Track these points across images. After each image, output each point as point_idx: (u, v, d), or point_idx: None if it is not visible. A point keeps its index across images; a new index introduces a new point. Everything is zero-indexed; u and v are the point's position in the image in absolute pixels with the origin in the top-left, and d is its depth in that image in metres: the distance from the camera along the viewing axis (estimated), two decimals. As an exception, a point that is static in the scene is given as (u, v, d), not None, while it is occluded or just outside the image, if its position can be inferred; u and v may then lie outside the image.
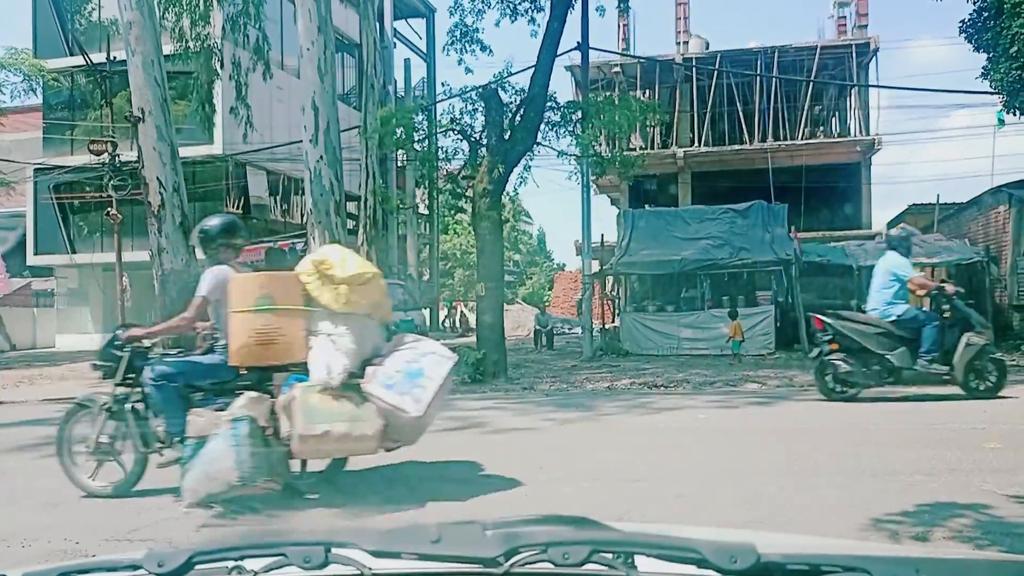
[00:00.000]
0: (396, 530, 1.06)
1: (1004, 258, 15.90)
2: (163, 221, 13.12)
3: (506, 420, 7.55)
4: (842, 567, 0.96)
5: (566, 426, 7.12)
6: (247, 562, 1.06)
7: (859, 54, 25.90)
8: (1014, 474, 4.42)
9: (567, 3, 12.77)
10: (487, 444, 6.29)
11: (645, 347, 16.79)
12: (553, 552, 0.97)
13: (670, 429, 6.81)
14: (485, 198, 11.98)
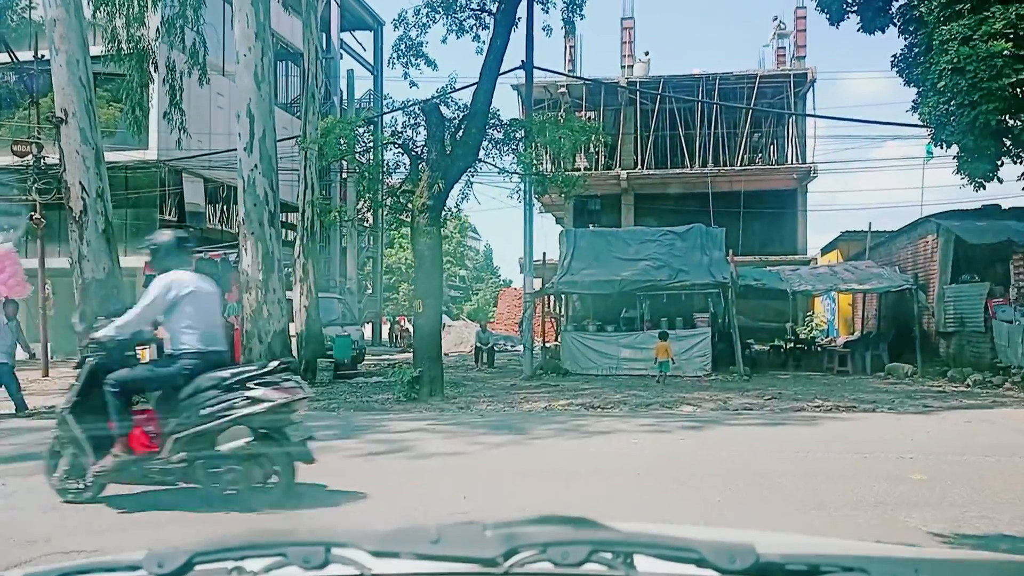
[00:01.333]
0: (396, 530, 1.05)
1: (932, 286, 16.39)
2: (85, 228, 12.49)
3: (435, 444, 7.31)
4: (841, 567, 0.96)
5: (496, 451, 6.92)
6: (247, 562, 1.06)
7: (796, 84, 26.65)
8: (939, 508, 4.41)
9: (511, 21, 12.72)
10: (409, 471, 6.04)
11: (585, 366, 16.73)
12: (552, 552, 0.97)
13: (601, 455, 6.68)
14: (424, 213, 11.76)
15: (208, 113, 25.83)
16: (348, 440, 7.72)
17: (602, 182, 29.04)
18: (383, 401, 11.84)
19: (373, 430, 8.58)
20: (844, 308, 23.61)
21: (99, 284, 12.53)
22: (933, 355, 15.81)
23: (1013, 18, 11.44)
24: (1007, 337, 13.40)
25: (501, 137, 14.67)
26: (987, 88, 11.25)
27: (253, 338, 13.21)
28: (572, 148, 15.06)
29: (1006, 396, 11.24)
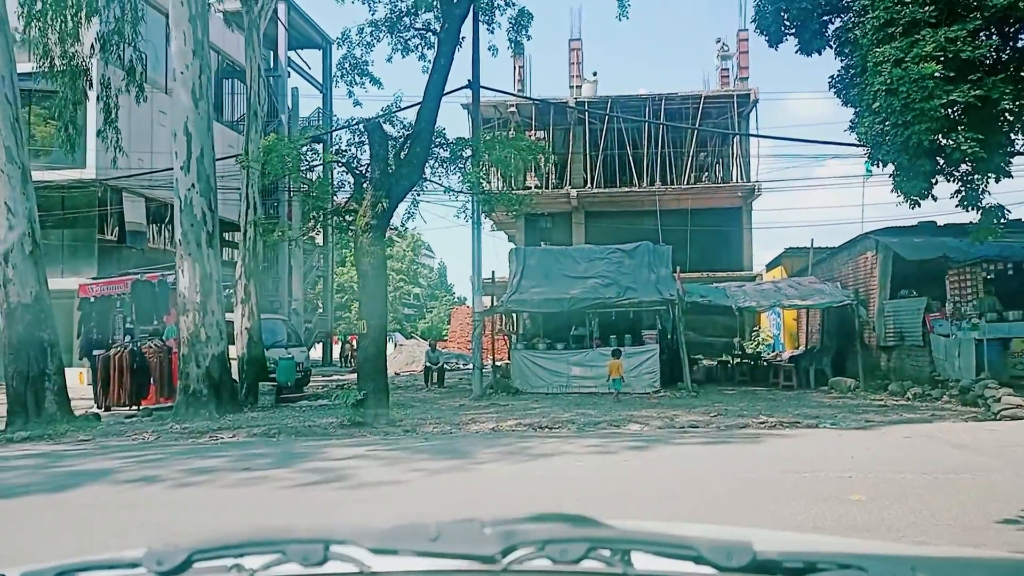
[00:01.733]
0: (395, 527, 1.04)
1: (872, 301, 16.74)
2: (11, 250, 11.96)
3: (373, 472, 7.08)
4: (838, 565, 0.96)
5: (436, 478, 6.73)
6: (246, 560, 1.06)
7: (740, 104, 27.22)
8: (876, 531, 4.38)
9: (455, 41, 12.66)
10: (342, 503, 5.81)
11: (535, 385, 16.63)
12: (551, 549, 0.97)
13: (544, 479, 6.55)
14: (368, 233, 11.56)
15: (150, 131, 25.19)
16: (282, 469, 7.44)
17: (553, 200, 29.17)
18: (326, 426, 11.53)
19: (311, 457, 8.30)
20: (789, 323, 24.01)
21: (25, 308, 12.00)
22: (875, 369, 16.12)
23: (942, 41, 11.80)
24: (944, 351, 13.73)
25: (448, 156, 14.57)
26: (919, 109, 11.55)
27: (190, 362, 12.78)
28: (519, 167, 15.04)
29: (944, 409, 11.47)
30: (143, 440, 10.87)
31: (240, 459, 8.34)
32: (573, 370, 16.76)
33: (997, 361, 13.09)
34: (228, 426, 11.81)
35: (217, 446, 10.04)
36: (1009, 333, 13.46)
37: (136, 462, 8.67)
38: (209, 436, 10.92)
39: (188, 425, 11.95)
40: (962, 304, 13.99)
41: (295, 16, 32.62)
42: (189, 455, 9.03)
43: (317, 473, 7.20)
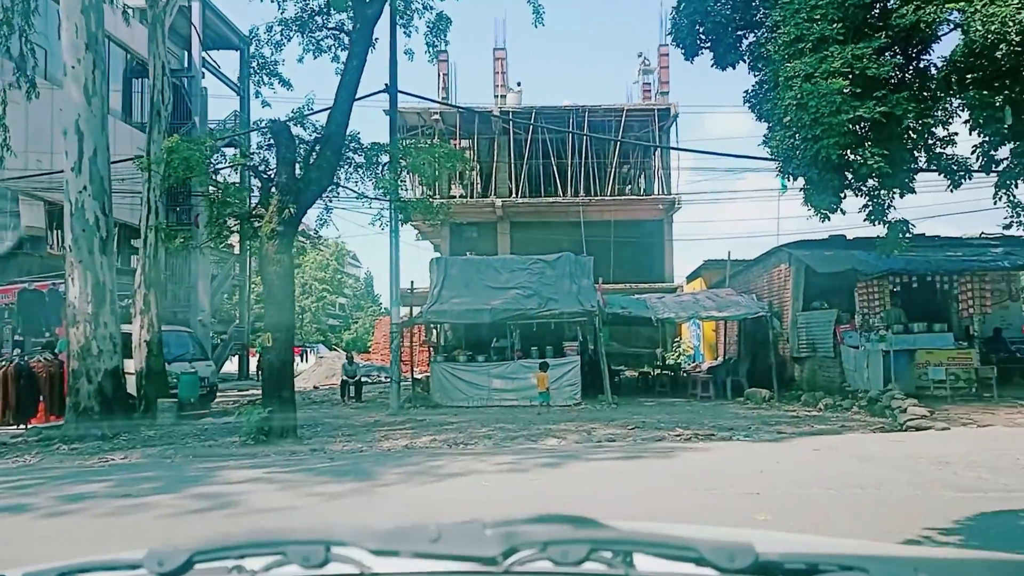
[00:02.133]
0: (396, 529, 1.04)
1: (786, 313, 17.06)
2: None
3: (266, 497, 6.59)
4: (840, 566, 0.97)
5: (333, 503, 6.29)
6: (247, 561, 1.06)
7: (661, 118, 27.60)
8: (778, 553, 4.20)
9: (367, 42, 12.25)
10: (223, 533, 5.32)
11: (456, 398, 16.26)
12: (552, 551, 0.97)
13: (447, 503, 6.20)
14: (274, 240, 10.98)
15: (49, 130, 23.73)
16: (167, 495, 6.86)
17: (478, 210, 28.95)
18: (229, 445, 10.89)
19: (202, 481, 7.72)
20: (708, 334, 24.36)
21: None
22: (789, 379, 16.41)
23: (850, 57, 12.09)
24: (854, 362, 14.05)
25: (363, 161, 14.10)
26: (828, 123, 11.78)
27: (81, 378, 11.90)
28: (436, 174, 14.70)
29: (853, 420, 11.67)
30: (24, 463, 10.02)
31: (124, 484, 7.69)
32: (494, 383, 16.47)
33: (904, 372, 13.45)
34: (121, 447, 11.04)
35: (105, 469, 9.31)
36: (915, 344, 13.86)
37: (8, 488, 7.92)
38: (99, 458, 10.16)
39: (77, 446, 11.12)
40: (870, 316, 14.36)
41: (210, 15, 31.41)
42: (70, 480, 8.30)
43: (204, 499, 6.66)
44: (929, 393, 13.06)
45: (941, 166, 14.59)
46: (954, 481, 6.20)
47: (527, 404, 15.76)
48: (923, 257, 14.56)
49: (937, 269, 14.55)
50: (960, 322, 14.94)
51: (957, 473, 6.56)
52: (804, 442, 9.04)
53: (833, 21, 12.43)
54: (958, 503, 5.23)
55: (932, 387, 13.22)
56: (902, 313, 14.59)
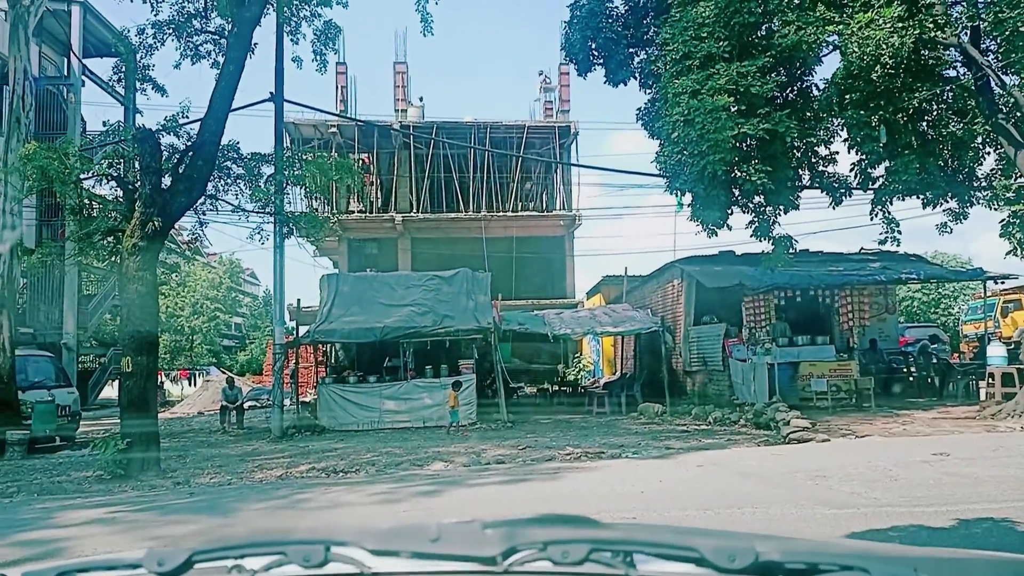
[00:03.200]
0: (395, 529, 1.06)
1: (678, 328, 17.23)
2: None
3: (97, 542, 5.84)
4: (840, 566, 0.96)
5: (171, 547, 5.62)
6: (247, 561, 1.05)
7: (562, 135, 27.78)
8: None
9: (246, 47, 11.55)
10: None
11: (344, 422, 15.53)
12: (552, 551, 0.97)
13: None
14: (136, 256, 10.10)
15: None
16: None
17: (378, 225, 28.28)
18: (82, 480, 9.90)
19: (36, 525, 6.86)
20: (608, 350, 24.50)
21: None
22: (682, 393, 16.54)
23: (735, 75, 12.30)
24: (741, 375, 14.24)
25: (242, 172, 13.33)
26: (713, 139, 11.91)
27: (-90, 410, 10.61)
28: (323, 186, 14.07)
29: (740, 433, 11.74)
30: None
31: (-63, 531, 6.74)
32: (386, 404, 15.83)
33: (788, 384, 13.73)
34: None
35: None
36: (799, 357, 14.19)
37: None
38: (-75, 500, 8.99)
39: (-97, 486, 9.85)
40: (756, 330, 14.62)
41: (92, 21, 29.64)
42: None
43: (25, 547, 5.86)
44: (812, 404, 13.36)
45: (823, 183, 15.11)
46: (829, 497, 6.12)
47: (420, 426, 15.24)
48: (806, 272, 14.97)
49: (819, 283, 15.00)
50: (841, 335, 15.44)
51: (832, 488, 6.51)
52: (690, 458, 8.93)
53: (720, 39, 12.65)
54: (830, 520, 5.11)
55: (815, 398, 13.53)
56: (787, 327, 14.94)
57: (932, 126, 13.97)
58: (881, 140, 12.66)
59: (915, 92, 12.53)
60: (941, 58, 12.94)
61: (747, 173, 12.67)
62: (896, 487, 6.41)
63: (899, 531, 4.74)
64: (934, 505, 5.53)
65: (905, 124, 12.96)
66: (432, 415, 15.60)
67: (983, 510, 5.31)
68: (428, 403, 15.81)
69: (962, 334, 25.86)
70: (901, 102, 12.57)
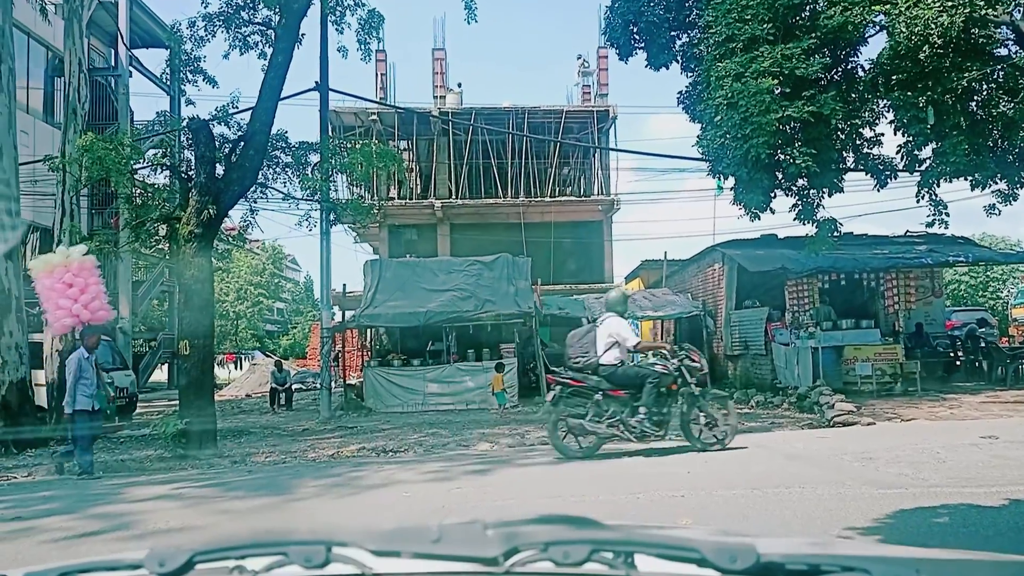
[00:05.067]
0: (397, 529, 1.06)
1: (719, 312, 17.20)
2: None
3: (168, 516, 6.17)
4: (841, 567, 0.96)
5: (238, 520, 5.92)
6: (248, 561, 1.06)
7: (600, 120, 27.65)
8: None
9: (294, 37, 11.82)
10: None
11: (390, 404, 15.90)
12: (553, 551, 0.97)
13: (362, 516, 5.91)
14: (192, 243, 10.48)
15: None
16: (62, 516, 6.38)
17: (418, 212, 28.53)
18: (143, 459, 10.34)
19: (106, 500, 7.23)
20: (646, 334, 24.48)
21: None
22: (723, 377, 16.54)
23: (779, 57, 12.21)
24: (784, 359, 14.19)
25: (290, 161, 13.66)
26: (757, 123, 11.86)
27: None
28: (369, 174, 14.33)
29: (783, 416, 11.76)
30: (-84, 483, 9.31)
31: (18, 504, 7.16)
32: (430, 387, 16.17)
33: (832, 368, 13.66)
34: (26, 464, 10.39)
35: (3, 488, 8.70)
36: (843, 341, 14.09)
37: None
38: (0, 476, 9.51)
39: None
40: (800, 314, 14.55)
41: (138, 12, 30.32)
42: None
43: (102, 519, 6.21)
44: (856, 388, 13.28)
45: (868, 166, 14.91)
46: (876, 478, 6.18)
47: (463, 408, 15.53)
48: (850, 255, 14.82)
49: (863, 267, 14.84)
50: (886, 318, 15.27)
51: (879, 469, 6.56)
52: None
53: (763, 21, 12.54)
54: (879, 500, 5.19)
55: (859, 382, 13.44)
56: (831, 310, 14.83)
57: (981, 106, 13.67)
58: (928, 122, 12.46)
59: (964, 72, 12.27)
60: (992, 36, 12.65)
61: (791, 156, 12.57)
62: (944, 468, 6.44)
63: (948, 509, 4.81)
64: (983, 486, 5.56)
65: (953, 105, 12.72)
66: (474, 397, 15.88)
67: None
68: (470, 386, 16.09)
69: (1011, 318, 25.35)
70: (949, 82, 12.33)
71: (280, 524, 5.71)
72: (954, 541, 4.09)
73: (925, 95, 12.48)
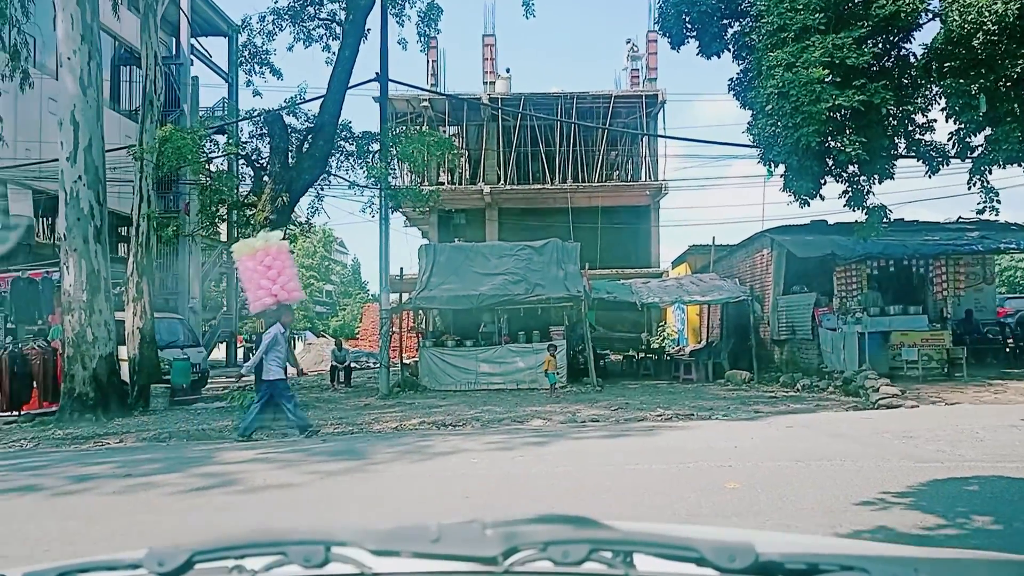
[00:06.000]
0: (396, 529, 1.04)
1: (767, 297, 17.45)
2: None
3: (266, 475, 6.89)
4: (840, 566, 0.96)
5: (331, 480, 6.60)
6: (247, 561, 1.06)
7: (648, 104, 27.82)
8: (744, 517, 4.56)
9: (360, 32, 12.45)
10: (230, 507, 5.64)
11: (444, 382, 16.57)
12: (552, 551, 0.97)
13: (437, 478, 6.53)
14: (267, 228, 11.24)
15: (39, 119, 23.73)
16: (170, 475, 7.16)
17: (466, 196, 29.10)
18: (222, 429, 11.15)
19: (202, 462, 8.01)
20: (693, 318, 24.77)
21: None
22: (768, 362, 16.81)
23: (830, 47, 12.39)
24: (831, 344, 14.44)
25: (354, 149, 14.35)
26: (808, 112, 12.09)
27: (76, 364, 12.15)
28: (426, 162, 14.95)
29: (828, 399, 12.08)
30: (21, 447, 10.25)
31: (124, 465, 7.97)
32: (482, 367, 16.79)
33: (878, 353, 13.86)
34: (116, 431, 11.28)
35: (102, 452, 9.57)
36: (889, 327, 14.27)
37: (13, 470, 8.19)
38: (94, 442, 10.40)
39: (72, 431, 11.34)
40: (847, 299, 14.75)
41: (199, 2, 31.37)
42: (70, 462, 8.56)
43: (207, 478, 6.96)
44: (902, 373, 13.49)
45: (920, 152, 14.96)
46: (915, 453, 6.57)
47: (514, 387, 16.12)
48: (900, 242, 14.94)
49: (913, 253, 14.95)
50: (935, 304, 15.36)
51: (918, 446, 6.94)
52: (779, 420, 9.41)
53: (815, 11, 12.71)
54: (915, 472, 5.60)
55: (905, 367, 13.64)
56: (879, 296, 14.98)
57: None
58: (980, 109, 12.53)
59: (1018, 59, 12.29)
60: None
61: (841, 144, 12.76)
62: (981, 446, 6.79)
63: (980, 480, 5.21)
64: (1016, 462, 5.93)
65: (1007, 92, 12.74)
66: (524, 377, 16.45)
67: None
68: (521, 366, 16.66)
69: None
70: (1003, 69, 12.36)
71: (369, 484, 6.36)
72: (980, 506, 4.51)
73: (978, 82, 12.53)
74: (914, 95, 14.32)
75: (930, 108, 14.76)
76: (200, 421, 12.23)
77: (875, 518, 4.32)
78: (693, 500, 5.04)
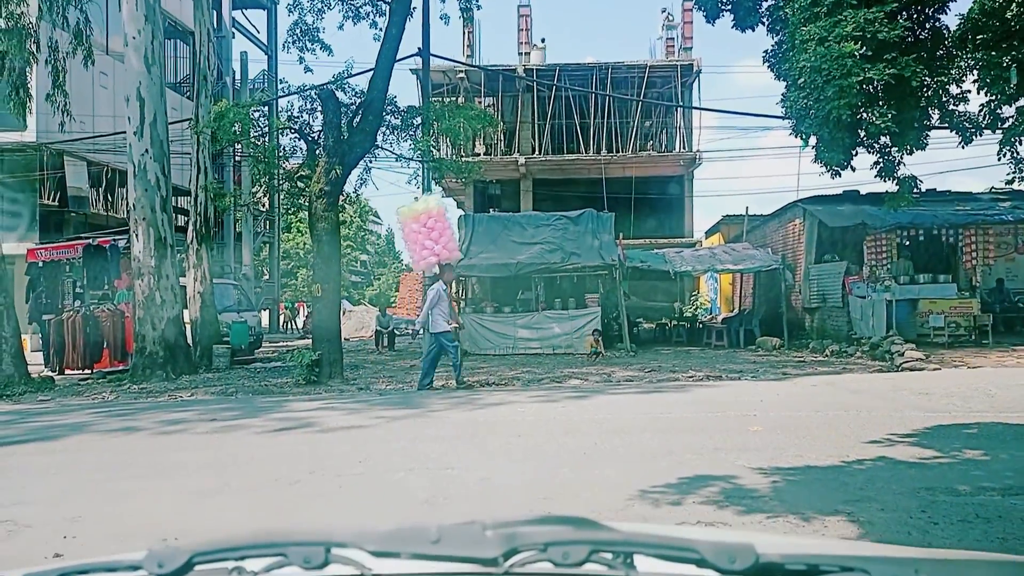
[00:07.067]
0: (396, 530, 1.04)
1: (799, 266, 17.87)
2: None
3: (337, 419, 7.71)
4: (841, 567, 0.96)
5: (397, 423, 7.40)
6: (247, 562, 1.05)
7: (684, 74, 27.95)
8: (763, 451, 5.22)
9: (406, 9, 13.03)
10: (317, 443, 6.45)
11: (484, 347, 17.35)
12: (553, 552, 0.97)
13: (490, 423, 7.28)
14: (322, 199, 11.99)
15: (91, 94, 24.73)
16: (253, 419, 8.01)
17: (501, 167, 29.60)
18: (282, 385, 12.05)
19: (274, 411, 8.86)
20: (725, 287, 25.21)
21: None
22: (799, 329, 17.29)
23: (862, 22, 12.66)
24: (860, 311, 14.88)
25: (399, 123, 14.99)
26: (839, 85, 12.42)
27: (146, 324, 13.11)
28: (468, 135, 15.55)
29: (855, 364, 12.60)
30: (103, 399, 11.22)
31: (206, 412, 8.86)
32: (519, 332, 17.53)
33: (906, 320, 14.28)
34: (185, 386, 12.23)
35: (179, 403, 10.48)
36: (918, 295, 14.65)
37: (107, 416, 9.09)
38: (167, 395, 11.33)
39: (145, 386, 12.32)
40: (878, 268, 15.14)
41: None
42: (156, 410, 9.48)
43: (284, 421, 7.80)
44: (929, 340, 13.91)
45: (953, 123, 15.14)
46: (927, 406, 7.16)
47: (551, 352, 16.83)
48: (930, 211, 15.25)
49: (943, 223, 15.26)
50: (965, 273, 15.68)
51: (932, 400, 7.51)
52: (805, 379, 10.01)
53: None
54: (923, 420, 6.20)
55: (932, 334, 14.05)
56: (909, 265, 15.34)
57: (1070, 65, 13.75)
58: (1012, 81, 12.73)
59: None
60: (1084, -5, 12.73)
61: (873, 116, 13.07)
62: (991, 401, 7.34)
63: (980, 426, 5.79)
64: (1018, 412, 6.49)
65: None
66: (560, 343, 17.16)
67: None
68: (557, 332, 17.37)
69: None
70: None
71: (431, 426, 7.13)
72: (974, 444, 5.12)
73: (1010, 55, 12.73)
74: (949, 66, 14.50)
75: (964, 79, 14.92)
76: (261, 378, 13.15)
77: (878, 451, 4.95)
78: (720, 438, 5.71)
